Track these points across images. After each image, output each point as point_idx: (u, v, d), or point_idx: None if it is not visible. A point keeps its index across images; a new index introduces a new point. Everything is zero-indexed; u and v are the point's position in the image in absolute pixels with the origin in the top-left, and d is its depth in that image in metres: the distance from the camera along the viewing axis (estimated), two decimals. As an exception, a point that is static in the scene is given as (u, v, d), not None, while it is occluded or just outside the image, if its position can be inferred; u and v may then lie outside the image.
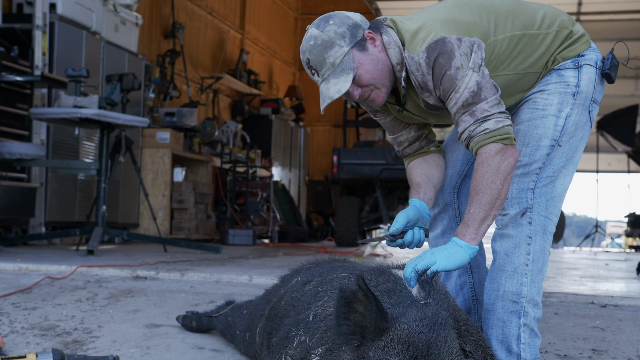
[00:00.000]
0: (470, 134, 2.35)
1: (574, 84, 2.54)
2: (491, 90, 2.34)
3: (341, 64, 2.38)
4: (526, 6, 2.59)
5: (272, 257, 7.04)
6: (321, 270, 2.46)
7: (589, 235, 13.95)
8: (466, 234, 2.31)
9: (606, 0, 12.01)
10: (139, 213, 9.06)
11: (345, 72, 2.38)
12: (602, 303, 3.91)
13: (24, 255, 5.52)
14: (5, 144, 6.27)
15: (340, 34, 2.38)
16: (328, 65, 2.39)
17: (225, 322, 3.07)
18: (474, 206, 2.32)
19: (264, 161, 12.40)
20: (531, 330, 2.51)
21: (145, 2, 10.37)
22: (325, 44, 2.38)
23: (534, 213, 2.50)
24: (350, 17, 2.42)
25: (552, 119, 2.52)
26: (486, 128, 2.32)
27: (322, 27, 2.40)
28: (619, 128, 12.89)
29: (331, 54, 2.37)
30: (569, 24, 2.61)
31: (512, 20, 2.51)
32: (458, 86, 2.33)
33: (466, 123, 2.35)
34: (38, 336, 3.23)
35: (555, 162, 2.53)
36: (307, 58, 2.42)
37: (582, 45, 2.58)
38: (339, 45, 2.37)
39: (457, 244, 2.31)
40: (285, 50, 16.13)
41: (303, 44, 2.43)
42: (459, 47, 2.33)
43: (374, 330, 1.82)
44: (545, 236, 2.52)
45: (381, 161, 10.02)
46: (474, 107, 2.33)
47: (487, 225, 2.34)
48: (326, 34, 2.38)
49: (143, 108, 9.03)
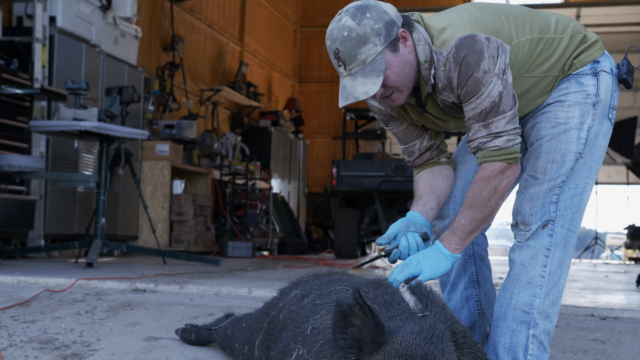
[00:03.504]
0: (480, 146, 2.35)
1: (594, 93, 2.51)
2: (510, 103, 2.32)
3: (372, 64, 2.29)
4: (539, 12, 2.59)
5: (271, 269, 7.03)
6: (319, 283, 2.45)
7: (589, 247, 13.94)
8: (452, 243, 2.34)
9: (604, 13, 12.06)
10: (138, 225, 9.05)
11: (375, 74, 2.29)
12: (602, 315, 3.90)
13: (23, 268, 5.51)
14: (5, 156, 6.28)
15: (376, 31, 2.27)
16: (358, 62, 2.29)
17: (225, 335, 3.07)
18: (466, 218, 2.35)
19: (263, 173, 12.41)
20: (540, 343, 2.50)
21: (145, 15, 10.40)
22: (359, 39, 2.27)
23: (557, 225, 2.49)
24: (387, 12, 2.31)
25: (575, 132, 2.50)
26: (496, 145, 2.32)
27: (359, 19, 2.27)
28: (618, 140, 12.90)
29: (364, 50, 2.27)
30: (582, 29, 2.60)
31: (530, 24, 2.49)
32: (482, 92, 2.30)
33: (479, 133, 2.35)
34: (37, 349, 3.23)
35: (578, 173, 2.51)
36: (337, 48, 2.30)
37: (597, 51, 2.56)
38: (374, 43, 2.27)
39: (442, 253, 2.33)
40: (284, 62, 16.16)
41: (334, 32, 2.30)
42: (487, 47, 2.30)
43: (371, 344, 1.81)
44: (566, 249, 2.51)
45: (380, 173, 10.03)
46: (490, 120, 2.32)
47: (473, 237, 2.38)
48: (362, 28, 2.27)
49: (142, 120, 9.04)
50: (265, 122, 13.63)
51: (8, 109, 6.58)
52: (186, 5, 11.56)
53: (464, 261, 2.77)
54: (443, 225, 2.75)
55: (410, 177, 9.58)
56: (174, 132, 9.51)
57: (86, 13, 7.82)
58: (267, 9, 15.09)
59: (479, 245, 2.79)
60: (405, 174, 9.90)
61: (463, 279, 2.78)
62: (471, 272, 2.77)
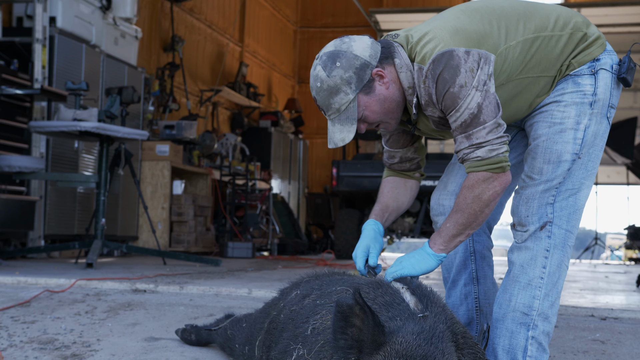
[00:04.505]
0: (464, 157, 2.38)
1: (591, 93, 2.49)
2: (491, 113, 2.32)
3: (346, 111, 2.38)
4: (538, 8, 2.55)
5: (271, 269, 7.03)
6: (320, 283, 2.45)
7: (589, 248, 13.94)
8: (436, 244, 2.40)
9: (604, 13, 12.05)
10: (138, 226, 9.05)
11: (350, 122, 2.39)
12: (602, 316, 3.90)
13: (22, 269, 5.51)
14: (5, 157, 6.28)
15: (346, 80, 2.35)
16: (334, 110, 2.39)
17: (225, 335, 3.07)
18: (451, 222, 2.40)
19: (263, 174, 12.41)
20: (539, 345, 2.50)
21: (145, 15, 10.40)
22: (330, 90, 2.36)
23: (554, 227, 2.49)
24: (358, 57, 2.36)
25: (571, 132, 2.49)
26: (478, 156, 2.34)
27: (329, 69, 2.36)
28: (618, 140, 12.88)
29: (337, 100, 2.37)
30: (583, 25, 2.55)
31: (524, 24, 2.47)
32: (459, 105, 2.32)
33: (461, 145, 2.37)
34: (37, 350, 3.23)
35: (575, 174, 2.51)
36: (314, 97, 2.42)
37: (598, 48, 2.53)
38: (345, 92, 2.36)
39: (425, 252, 2.40)
40: (284, 63, 16.16)
41: (311, 80, 2.42)
42: (465, 61, 2.31)
43: (372, 344, 1.81)
44: (564, 250, 2.51)
45: (380, 173, 10.02)
46: (471, 131, 2.33)
47: (459, 241, 2.42)
48: (332, 79, 2.35)
49: (142, 121, 9.04)
50: (265, 123, 13.63)
51: (8, 109, 6.58)
52: (186, 5, 11.56)
53: (465, 258, 2.79)
54: (439, 220, 2.81)
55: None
56: (174, 133, 9.51)
57: (86, 13, 7.82)
58: (267, 10, 15.09)
59: (480, 243, 2.79)
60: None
61: (463, 275, 2.80)
62: (471, 270, 2.79)
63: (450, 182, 2.80)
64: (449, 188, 2.79)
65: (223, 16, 13.08)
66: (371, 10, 13.00)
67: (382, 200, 2.70)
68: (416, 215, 10.32)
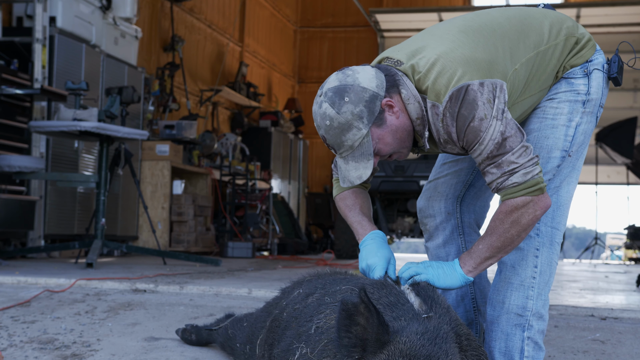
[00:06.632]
0: (498, 187, 2.29)
1: (584, 92, 2.49)
2: (517, 138, 2.26)
3: (360, 147, 2.29)
4: (531, 19, 2.51)
5: (271, 269, 7.03)
6: (324, 282, 2.45)
7: (589, 248, 13.93)
8: (466, 264, 2.33)
9: (604, 13, 12.05)
10: (138, 226, 9.05)
11: (365, 158, 2.31)
12: (602, 316, 3.90)
13: (22, 269, 5.51)
14: (5, 156, 6.27)
15: (357, 115, 2.25)
16: (346, 147, 2.30)
17: (225, 335, 3.07)
18: (484, 244, 2.32)
19: (263, 174, 12.41)
20: (535, 344, 2.50)
21: (145, 15, 10.40)
22: (342, 127, 2.26)
23: (541, 224, 2.48)
24: (366, 89, 2.27)
25: (563, 129, 2.48)
26: (514, 182, 2.26)
27: (338, 106, 2.25)
28: (618, 140, 12.88)
29: (349, 137, 2.27)
30: (574, 30, 2.54)
31: (524, 41, 2.43)
32: (482, 138, 2.25)
33: (494, 175, 2.29)
34: (37, 350, 3.23)
35: (563, 172, 2.50)
36: (323, 136, 2.32)
37: (589, 50, 2.53)
38: (357, 128, 2.26)
39: (454, 269, 2.33)
40: (284, 63, 16.16)
41: (317, 118, 2.31)
42: (481, 94, 2.24)
43: (375, 343, 1.81)
44: (552, 247, 2.50)
45: (380, 173, 10.01)
46: (500, 160, 2.26)
47: (490, 264, 2.36)
48: (343, 116, 2.25)
49: (142, 121, 9.04)
50: (265, 123, 13.63)
51: (8, 109, 6.58)
52: (186, 5, 11.56)
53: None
54: (434, 223, 2.78)
55: (410, 177, 9.59)
56: (174, 133, 9.51)
57: (86, 13, 7.82)
58: (267, 9, 15.09)
59: (471, 243, 2.78)
60: (405, 174, 9.89)
61: None
62: None
63: (441, 183, 2.77)
64: (439, 189, 2.76)
65: (223, 16, 13.08)
66: (371, 10, 13.00)
67: (362, 211, 2.59)
68: (416, 215, 10.31)
